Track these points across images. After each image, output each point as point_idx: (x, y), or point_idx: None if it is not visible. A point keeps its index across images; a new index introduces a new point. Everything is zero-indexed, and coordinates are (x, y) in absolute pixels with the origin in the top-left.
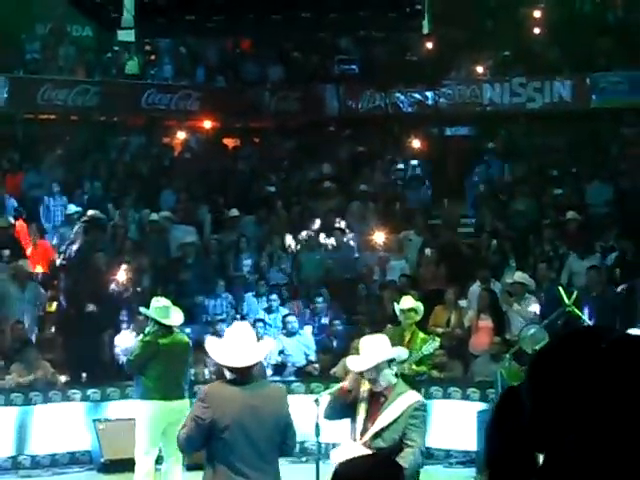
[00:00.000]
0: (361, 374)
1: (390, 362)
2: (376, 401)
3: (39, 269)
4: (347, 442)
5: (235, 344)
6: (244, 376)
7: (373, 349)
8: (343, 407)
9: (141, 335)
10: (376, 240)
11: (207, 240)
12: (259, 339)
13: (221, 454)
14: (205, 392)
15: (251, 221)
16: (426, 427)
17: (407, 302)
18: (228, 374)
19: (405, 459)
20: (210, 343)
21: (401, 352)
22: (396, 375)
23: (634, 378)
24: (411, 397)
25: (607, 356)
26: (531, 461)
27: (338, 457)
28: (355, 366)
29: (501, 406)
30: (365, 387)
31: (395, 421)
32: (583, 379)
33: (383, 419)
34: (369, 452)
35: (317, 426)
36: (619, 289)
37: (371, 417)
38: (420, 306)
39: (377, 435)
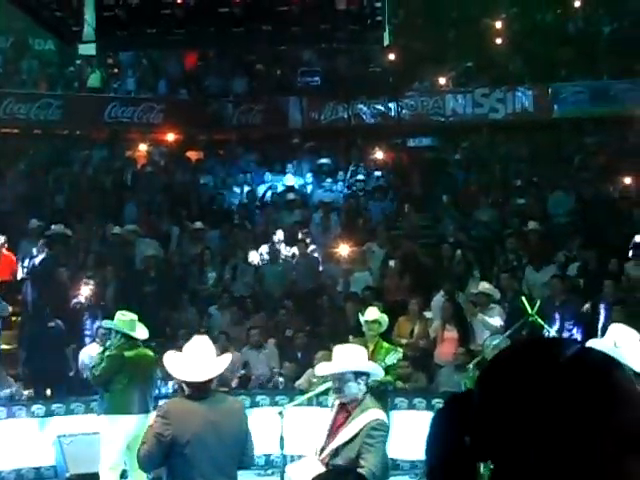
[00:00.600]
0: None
1: (359, 375)
2: (340, 416)
3: (2, 280)
4: (305, 457)
5: (193, 358)
6: (202, 391)
7: (343, 358)
8: None
9: (104, 348)
10: (339, 252)
11: (172, 253)
12: (223, 352)
13: (181, 470)
14: (165, 409)
15: (215, 234)
16: (384, 447)
17: (371, 314)
18: (186, 389)
19: None
20: (168, 358)
21: (376, 369)
22: (367, 391)
23: (593, 398)
24: (371, 415)
25: (566, 373)
26: (472, 471)
27: (294, 472)
28: (320, 371)
29: (444, 412)
30: (335, 405)
31: (352, 439)
32: (539, 393)
33: (342, 436)
34: (324, 469)
35: (282, 438)
36: (584, 308)
37: (333, 433)
38: (384, 318)
39: (335, 452)
